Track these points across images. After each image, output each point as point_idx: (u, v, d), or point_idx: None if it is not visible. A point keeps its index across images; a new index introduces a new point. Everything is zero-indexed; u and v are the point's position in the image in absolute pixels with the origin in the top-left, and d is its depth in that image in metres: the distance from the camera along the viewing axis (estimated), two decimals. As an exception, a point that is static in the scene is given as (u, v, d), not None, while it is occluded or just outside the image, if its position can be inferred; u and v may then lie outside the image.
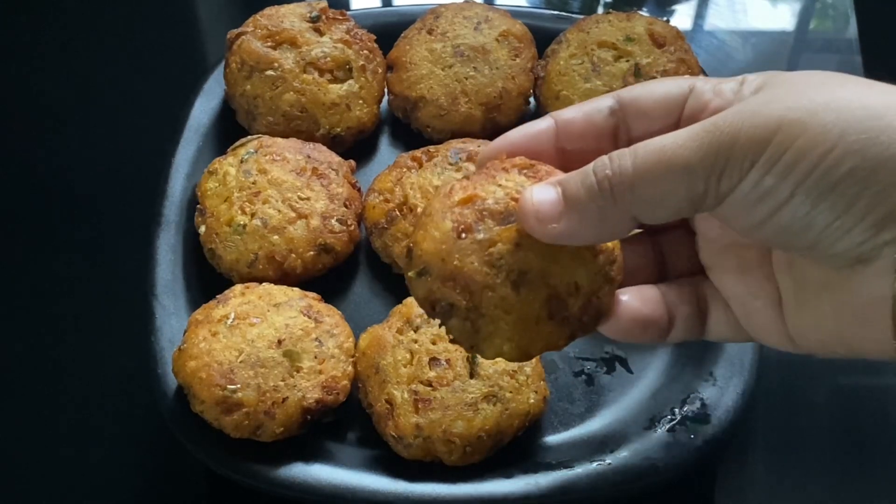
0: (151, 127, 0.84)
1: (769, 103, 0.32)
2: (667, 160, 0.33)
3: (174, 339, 0.62)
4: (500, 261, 0.37)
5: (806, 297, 0.36)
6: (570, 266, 0.38)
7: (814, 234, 0.32)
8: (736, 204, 0.33)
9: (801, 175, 0.31)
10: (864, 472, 0.64)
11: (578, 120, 0.40)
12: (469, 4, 0.80)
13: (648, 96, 0.39)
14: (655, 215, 0.35)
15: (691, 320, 0.41)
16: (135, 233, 0.70)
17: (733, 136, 0.32)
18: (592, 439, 0.60)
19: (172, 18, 0.98)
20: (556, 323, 0.38)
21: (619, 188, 0.34)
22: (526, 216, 0.36)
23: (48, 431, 0.66)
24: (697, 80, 0.38)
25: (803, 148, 0.31)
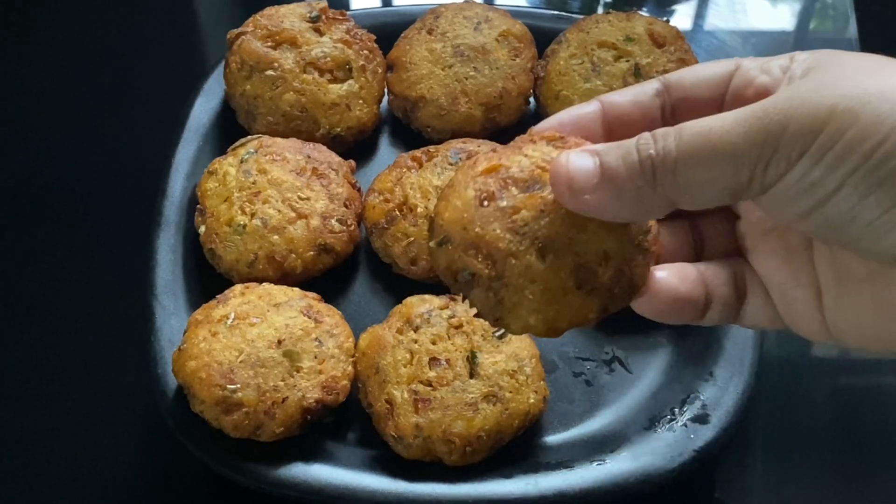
0: (151, 127, 0.84)
1: (821, 90, 0.31)
2: (712, 145, 0.32)
3: (174, 339, 0.62)
4: (525, 228, 0.35)
5: (846, 289, 0.35)
6: (600, 234, 0.36)
7: (858, 228, 0.31)
8: (780, 194, 0.32)
9: (851, 167, 0.30)
10: (864, 471, 0.64)
11: (624, 102, 0.38)
12: (469, 4, 0.80)
13: (693, 77, 0.38)
14: (696, 201, 0.34)
15: (729, 304, 0.39)
16: (135, 233, 0.70)
17: (783, 124, 0.31)
18: (592, 439, 0.60)
19: (172, 18, 0.98)
20: (585, 294, 0.36)
21: (661, 170, 0.33)
22: (558, 181, 0.35)
23: (48, 431, 0.66)
24: (745, 60, 0.37)
25: (855, 139, 0.30)
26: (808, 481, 0.64)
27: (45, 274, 0.76)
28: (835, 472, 0.64)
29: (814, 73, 0.33)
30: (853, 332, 0.35)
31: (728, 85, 0.37)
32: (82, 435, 0.66)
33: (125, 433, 0.66)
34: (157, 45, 0.94)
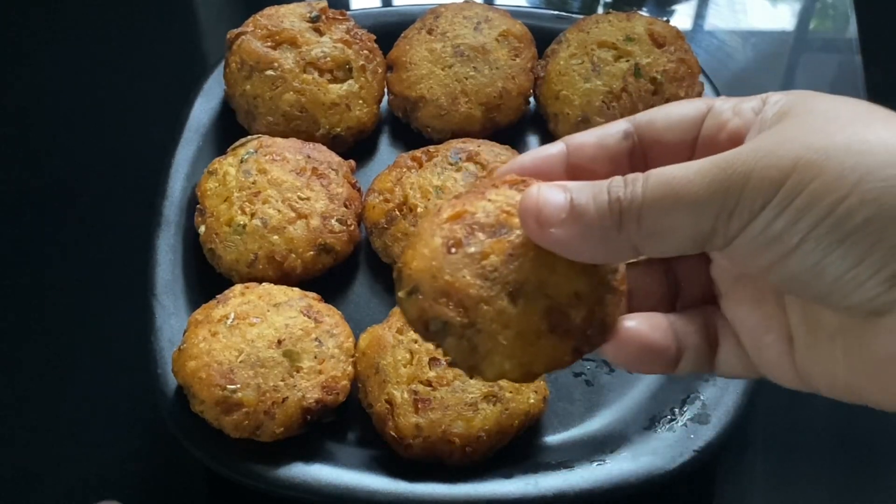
0: (151, 127, 0.84)
1: (786, 142, 0.31)
2: (675, 193, 0.31)
3: (174, 339, 0.62)
4: (494, 273, 0.35)
5: (817, 340, 0.34)
6: (570, 276, 0.36)
7: (825, 283, 0.30)
8: (745, 246, 0.31)
9: (814, 221, 0.29)
10: (864, 471, 0.64)
11: (590, 143, 0.38)
12: (469, 4, 0.80)
13: (664, 119, 0.37)
14: (658, 249, 0.33)
15: (701, 352, 0.39)
16: (135, 233, 0.70)
17: (746, 175, 0.30)
18: (592, 439, 0.60)
19: (172, 18, 0.98)
20: (559, 336, 0.36)
21: (626, 214, 0.33)
22: (527, 213, 0.34)
23: (48, 431, 0.66)
24: (717, 100, 0.37)
25: (817, 192, 0.29)
26: (807, 481, 0.64)
27: (45, 274, 0.76)
28: (835, 472, 0.64)
29: (784, 120, 0.33)
30: (825, 382, 0.35)
31: (699, 127, 0.37)
32: (82, 434, 0.66)
33: (125, 433, 0.66)
34: (157, 45, 0.94)
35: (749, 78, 0.92)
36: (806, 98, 0.33)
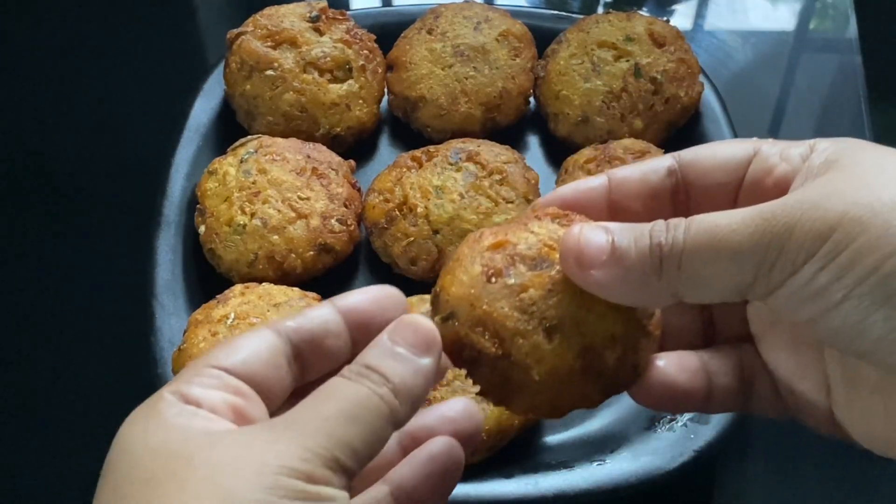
0: (151, 127, 0.84)
1: (832, 195, 0.30)
2: (718, 242, 0.31)
3: (174, 339, 0.62)
4: (532, 307, 0.35)
5: (857, 393, 0.34)
6: (606, 317, 0.35)
7: (868, 342, 0.30)
8: (786, 298, 0.31)
9: (857, 279, 0.29)
10: (864, 472, 0.64)
11: (634, 178, 0.37)
12: (469, 4, 0.80)
13: (710, 159, 0.37)
14: (698, 297, 0.33)
15: (733, 392, 0.38)
16: (135, 233, 0.70)
17: (789, 227, 0.30)
18: (592, 439, 0.60)
19: (172, 18, 0.98)
20: (591, 376, 0.35)
21: (667, 260, 0.32)
22: (567, 253, 0.34)
23: (48, 431, 0.66)
24: (764, 142, 0.36)
25: (862, 249, 0.29)
26: (808, 481, 0.63)
27: (45, 273, 0.76)
28: (835, 473, 0.64)
29: (831, 171, 0.32)
30: (863, 434, 0.34)
31: (746, 170, 0.36)
32: (81, 434, 0.66)
33: (125, 433, 0.66)
34: (157, 45, 0.94)
35: (749, 78, 0.92)
36: (854, 148, 0.33)
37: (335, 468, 0.30)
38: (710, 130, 0.75)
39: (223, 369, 0.34)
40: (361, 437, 0.31)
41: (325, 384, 0.32)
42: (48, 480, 0.64)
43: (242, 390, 0.34)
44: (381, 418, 0.31)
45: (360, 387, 0.32)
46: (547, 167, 0.77)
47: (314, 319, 0.36)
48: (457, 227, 0.66)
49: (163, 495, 0.29)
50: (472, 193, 0.67)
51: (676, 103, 0.74)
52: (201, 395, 0.33)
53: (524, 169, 0.69)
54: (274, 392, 0.35)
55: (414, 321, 0.34)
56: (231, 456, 0.29)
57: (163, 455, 0.30)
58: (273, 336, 0.35)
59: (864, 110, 0.85)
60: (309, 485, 0.29)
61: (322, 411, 0.31)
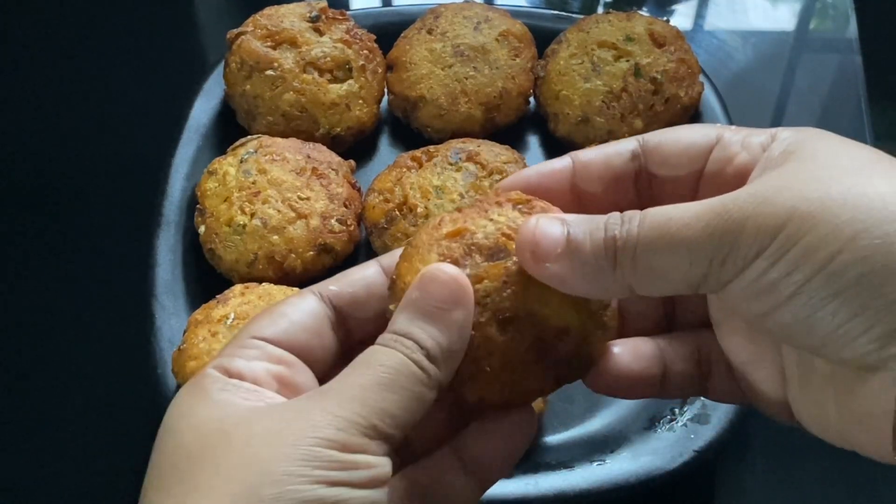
0: (151, 127, 0.84)
1: (783, 189, 0.30)
2: (670, 235, 0.31)
3: (174, 340, 0.62)
4: (486, 299, 0.35)
5: (811, 384, 0.34)
6: (561, 309, 0.35)
7: (817, 336, 0.30)
8: (739, 292, 0.31)
9: (807, 274, 0.29)
10: (864, 471, 0.64)
11: (597, 161, 0.37)
12: (469, 4, 0.80)
13: (673, 144, 0.37)
14: (652, 289, 0.33)
15: (689, 378, 0.39)
16: (135, 233, 0.70)
17: (740, 223, 0.30)
18: (592, 439, 0.60)
19: (172, 18, 0.98)
20: (542, 367, 0.35)
21: (621, 253, 0.32)
22: (523, 245, 0.34)
23: (47, 431, 0.66)
24: (727, 129, 0.36)
25: (811, 245, 0.29)
26: (808, 481, 0.63)
27: (45, 274, 0.76)
28: (835, 472, 0.64)
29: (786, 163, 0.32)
30: (816, 424, 0.35)
31: (707, 157, 0.36)
32: (81, 434, 0.66)
33: (125, 433, 0.66)
34: (157, 45, 0.94)
35: (749, 78, 0.92)
36: (813, 139, 0.33)
37: (373, 435, 0.30)
38: (710, 130, 0.75)
39: (265, 339, 0.34)
40: (399, 403, 0.31)
41: (363, 353, 0.33)
42: (48, 480, 0.64)
43: (286, 359, 0.34)
44: (419, 383, 0.32)
45: (395, 353, 0.32)
46: (547, 167, 0.77)
47: (357, 281, 0.37)
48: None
49: (201, 472, 0.30)
50: (472, 193, 0.67)
51: (676, 103, 0.74)
52: (244, 367, 0.33)
53: (524, 169, 0.69)
54: (319, 358, 0.35)
55: (436, 274, 0.34)
56: (266, 430, 0.30)
57: (203, 432, 0.31)
58: (315, 301, 0.36)
59: (864, 110, 0.85)
60: (345, 454, 0.30)
61: (358, 380, 0.31)
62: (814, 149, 0.32)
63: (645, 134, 0.38)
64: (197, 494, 0.29)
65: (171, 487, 0.30)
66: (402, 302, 0.34)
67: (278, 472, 0.29)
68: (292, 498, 0.28)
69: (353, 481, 0.30)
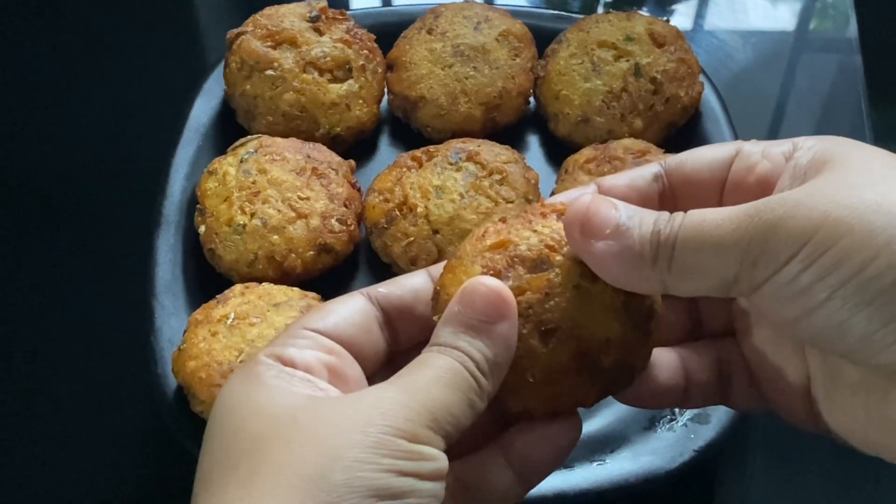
0: (151, 127, 0.84)
1: (816, 194, 0.30)
2: (703, 236, 0.32)
3: (174, 339, 0.62)
4: (529, 310, 0.35)
5: (838, 391, 0.34)
6: (604, 320, 0.35)
7: (850, 342, 0.30)
8: (771, 296, 0.31)
9: (841, 280, 0.29)
10: (865, 471, 0.64)
11: (621, 185, 0.38)
12: (469, 4, 0.80)
13: (694, 161, 0.37)
14: (684, 289, 0.33)
15: (710, 389, 0.39)
16: (135, 233, 0.70)
17: (772, 225, 0.30)
18: (592, 439, 0.60)
19: (172, 18, 0.98)
20: (586, 378, 0.36)
21: (662, 249, 0.33)
22: (574, 218, 0.34)
23: (47, 431, 0.66)
24: (746, 143, 0.37)
25: (845, 251, 0.29)
26: (808, 481, 0.63)
27: (45, 274, 0.76)
28: (836, 472, 0.64)
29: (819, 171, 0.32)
30: (842, 431, 0.35)
31: (728, 169, 0.36)
32: (81, 434, 0.66)
33: (124, 433, 0.66)
34: (157, 45, 0.94)
35: (749, 78, 0.92)
36: (843, 147, 0.33)
37: (436, 429, 0.31)
38: (710, 130, 0.75)
39: (316, 331, 0.35)
40: (457, 403, 0.32)
41: (418, 357, 0.33)
42: (48, 479, 0.64)
43: (336, 350, 0.35)
44: (472, 391, 0.32)
45: (449, 359, 0.33)
46: (547, 167, 0.77)
47: (405, 287, 0.37)
48: (457, 227, 0.66)
49: (269, 452, 0.30)
50: (472, 193, 0.67)
51: (676, 103, 0.74)
52: (296, 355, 0.34)
53: (524, 169, 0.69)
54: (368, 354, 0.36)
55: (477, 288, 0.34)
56: (336, 415, 0.30)
57: (267, 416, 0.31)
58: (363, 301, 0.36)
59: (864, 110, 0.85)
60: (412, 444, 0.30)
61: (421, 377, 0.32)
62: (844, 156, 0.32)
63: (668, 157, 0.38)
64: (265, 473, 0.29)
65: (238, 467, 0.30)
66: (445, 315, 0.34)
67: (349, 457, 0.29)
68: (361, 485, 0.29)
69: (421, 472, 0.30)
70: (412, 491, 0.29)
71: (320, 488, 0.28)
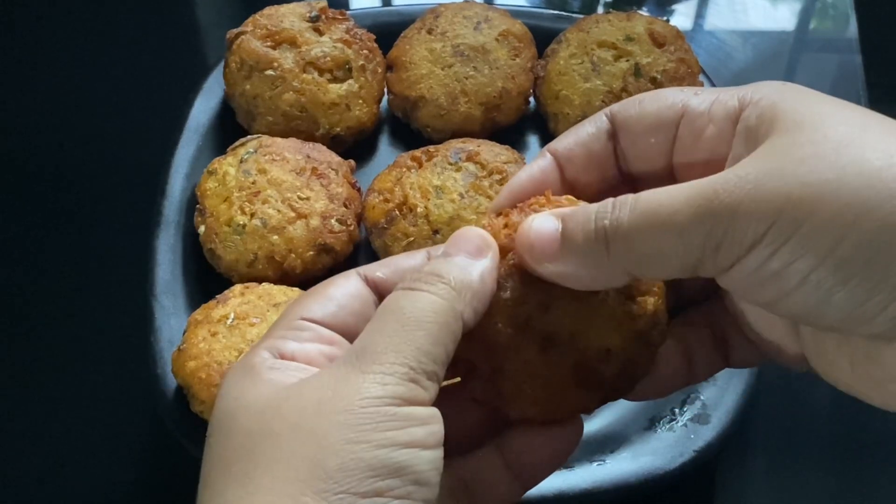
0: (151, 127, 0.84)
1: (774, 172, 0.29)
2: (661, 221, 0.31)
3: (174, 339, 0.62)
4: (530, 319, 0.34)
5: (823, 345, 0.34)
6: (604, 330, 0.35)
7: (831, 318, 0.30)
8: (743, 280, 0.31)
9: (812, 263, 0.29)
10: (865, 471, 0.64)
11: (578, 152, 0.37)
12: (469, 4, 0.80)
13: (638, 122, 0.36)
14: (651, 273, 0.33)
15: (711, 358, 0.39)
16: (135, 233, 0.70)
17: (731, 208, 0.29)
18: (592, 439, 0.60)
19: (172, 18, 0.98)
20: (586, 389, 0.35)
21: (613, 240, 0.32)
22: (522, 248, 0.34)
23: (47, 431, 0.66)
24: (691, 97, 0.35)
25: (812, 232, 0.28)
26: (808, 481, 0.63)
27: (45, 273, 0.76)
28: (835, 473, 0.64)
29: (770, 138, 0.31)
30: (830, 378, 0.35)
31: (676, 130, 0.36)
32: (81, 434, 0.66)
33: (124, 433, 0.66)
34: (157, 45, 0.94)
35: (749, 78, 0.91)
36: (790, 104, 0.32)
37: (416, 379, 0.30)
38: (710, 130, 0.75)
39: (315, 321, 0.34)
40: (429, 338, 0.31)
41: (382, 304, 0.33)
42: (48, 479, 0.64)
43: (336, 340, 0.34)
44: (442, 314, 0.32)
45: (415, 293, 0.32)
46: (547, 167, 0.77)
47: (402, 269, 0.37)
48: (457, 227, 0.66)
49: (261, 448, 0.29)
50: (472, 193, 0.67)
51: (676, 103, 0.74)
52: (296, 349, 0.33)
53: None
54: None
55: (465, 232, 0.35)
56: (315, 400, 0.30)
57: (256, 410, 0.31)
58: (360, 284, 0.36)
59: (863, 110, 0.85)
60: (400, 408, 0.29)
61: (385, 331, 0.31)
62: (795, 115, 0.31)
63: (612, 106, 0.37)
64: (260, 470, 0.29)
65: (235, 466, 0.30)
66: (433, 260, 0.34)
67: (338, 441, 0.28)
68: (356, 467, 0.28)
69: (415, 440, 0.29)
70: (409, 462, 0.29)
71: (317, 477, 0.28)
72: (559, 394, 0.35)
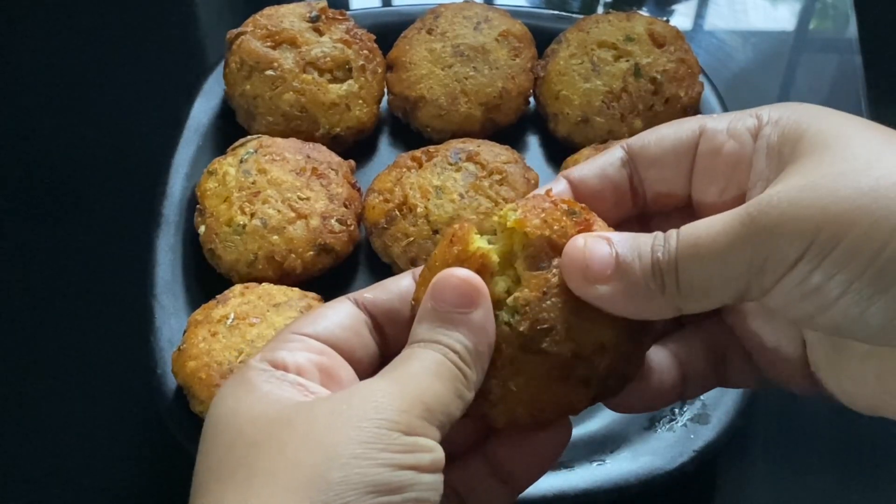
0: (151, 127, 0.84)
1: (807, 190, 0.30)
2: (703, 253, 0.31)
3: (174, 340, 0.62)
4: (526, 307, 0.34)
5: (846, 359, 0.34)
6: (598, 324, 0.34)
7: (870, 330, 0.30)
8: (783, 297, 0.31)
9: (853, 274, 0.29)
10: (865, 471, 0.64)
11: (592, 178, 0.38)
12: (469, 4, 0.80)
13: (657, 145, 0.37)
14: (698, 306, 0.32)
15: (707, 375, 0.39)
16: (135, 233, 0.70)
17: (771, 230, 0.30)
18: (592, 439, 0.60)
19: (172, 18, 0.98)
20: (575, 384, 0.35)
21: (666, 276, 0.32)
22: (572, 265, 0.33)
23: (47, 431, 0.66)
24: (708, 120, 0.36)
25: (852, 245, 0.29)
26: (808, 482, 0.63)
27: (45, 274, 0.76)
28: (835, 472, 0.64)
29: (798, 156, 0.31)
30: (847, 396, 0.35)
31: (695, 151, 0.36)
32: (81, 434, 0.66)
33: (124, 433, 0.66)
34: (157, 45, 0.94)
35: (749, 78, 0.92)
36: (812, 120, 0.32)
37: (430, 419, 0.31)
38: (710, 130, 0.75)
39: (305, 335, 0.35)
40: (447, 393, 0.32)
41: (401, 353, 0.33)
42: (48, 479, 0.64)
43: (326, 352, 0.35)
44: (458, 380, 0.32)
45: (432, 352, 0.32)
46: (547, 167, 0.77)
47: (391, 291, 0.37)
48: (457, 227, 0.66)
49: (264, 457, 0.30)
50: (471, 193, 0.67)
51: (676, 103, 0.74)
52: (288, 358, 0.33)
53: (524, 169, 0.69)
54: (360, 357, 0.36)
55: (447, 280, 0.34)
56: (328, 413, 0.30)
57: (262, 421, 0.31)
58: (351, 305, 0.36)
59: (863, 110, 0.85)
60: (408, 436, 0.30)
61: (408, 369, 0.32)
62: (820, 135, 0.32)
63: (628, 139, 0.38)
64: (261, 479, 0.29)
65: (234, 474, 0.30)
66: (420, 312, 0.34)
67: (345, 454, 0.29)
68: (359, 481, 0.28)
69: (419, 465, 0.30)
70: (411, 484, 0.29)
71: (318, 489, 0.28)
72: (548, 391, 0.35)
